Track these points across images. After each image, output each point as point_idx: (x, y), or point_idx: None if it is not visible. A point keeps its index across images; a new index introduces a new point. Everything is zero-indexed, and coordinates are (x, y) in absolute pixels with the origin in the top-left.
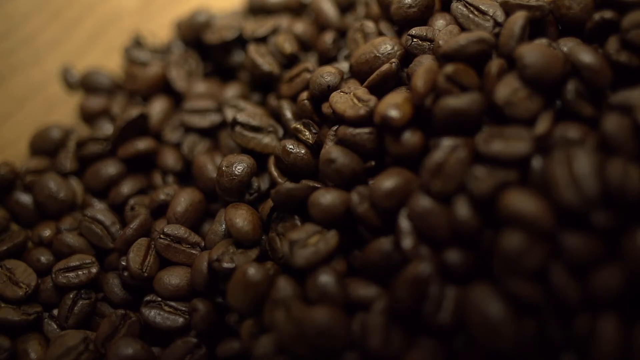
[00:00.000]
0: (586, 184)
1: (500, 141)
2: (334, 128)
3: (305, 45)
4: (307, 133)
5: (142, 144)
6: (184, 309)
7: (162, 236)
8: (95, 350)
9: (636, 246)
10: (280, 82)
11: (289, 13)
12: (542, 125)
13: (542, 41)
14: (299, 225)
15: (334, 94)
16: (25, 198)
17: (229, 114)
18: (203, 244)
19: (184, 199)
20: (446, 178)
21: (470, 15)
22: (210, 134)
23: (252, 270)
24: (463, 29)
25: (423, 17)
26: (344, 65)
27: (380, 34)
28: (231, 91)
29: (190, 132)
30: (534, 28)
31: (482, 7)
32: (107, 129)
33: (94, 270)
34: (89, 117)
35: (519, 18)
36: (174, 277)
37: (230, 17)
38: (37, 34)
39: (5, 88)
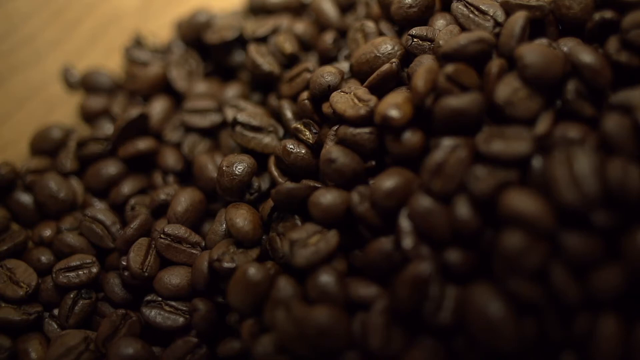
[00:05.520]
0: (586, 183)
1: (500, 141)
2: (335, 128)
3: (305, 45)
4: (307, 133)
5: (143, 144)
6: (184, 308)
7: (162, 236)
8: (96, 349)
9: (636, 246)
10: (280, 82)
11: (289, 13)
12: (543, 125)
13: (542, 41)
14: (300, 225)
15: (334, 93)
16: (25, 198)
17: (230, 113)
18: (203, 244)
19: (184, 199)
20: (446, 178)
21: (471, 15)
22: (210, 133)
23: (253, 270)
24: (463, 28)
25: (423, 17)
26: (345, 65)
27: (381, 33)
28: (231, 91)
29: (190, 132)
30: (534, 28)
31: (483, 7)
32: (107, 128)
33: (94, 270)
34: (89, 117)
35: (519, 18)
36: (174, 277)
37: (231, 17)
38: (37, 34)
39: (5, 88)
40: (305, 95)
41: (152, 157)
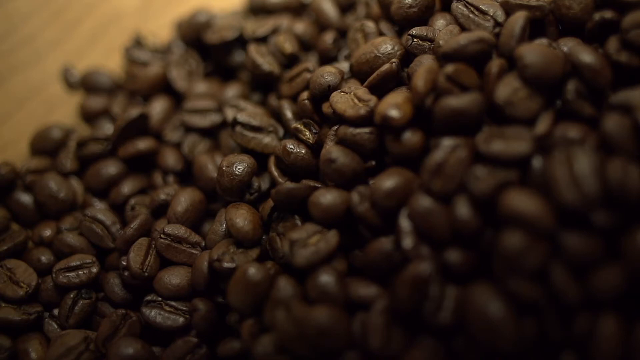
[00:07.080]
0: (586, 183)
1: (500, 141)
2: (335, 128)
3: (305, 45)
4: (307, 133)
5: (143, 144)
6: (184, 308)
7: (162, 236)
8: (96, 349)
9: (636, 246)
10: (280, 82)
11: (289, 13)
12: (543, 125)
13: (542, 41)
14: (300, 225)
15: (334, 93)
16: (25, 198)
17: (230, 113)
18: (203, 244)
19: (184, 199)
20: (446, 178)
21: (471, 15)
22: (210, 133)
23: (253, 270)
24: (463, 28)
25: (423, 17)
26: (345, 65)
27: (381, 33)
28: (231, 91)
29: (190, 132)
30: (534, 28)
31: (483, 7)
32: (107, 128)
33: (94, 270)
34: (89, 117)
35: (519, 18)
36: (174, 277)
37: (231, 17)
38: (37, 34)
39: (5, 88)
40: (305, 95)
41: (152, 157)
